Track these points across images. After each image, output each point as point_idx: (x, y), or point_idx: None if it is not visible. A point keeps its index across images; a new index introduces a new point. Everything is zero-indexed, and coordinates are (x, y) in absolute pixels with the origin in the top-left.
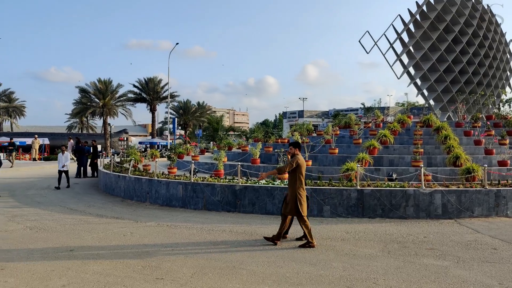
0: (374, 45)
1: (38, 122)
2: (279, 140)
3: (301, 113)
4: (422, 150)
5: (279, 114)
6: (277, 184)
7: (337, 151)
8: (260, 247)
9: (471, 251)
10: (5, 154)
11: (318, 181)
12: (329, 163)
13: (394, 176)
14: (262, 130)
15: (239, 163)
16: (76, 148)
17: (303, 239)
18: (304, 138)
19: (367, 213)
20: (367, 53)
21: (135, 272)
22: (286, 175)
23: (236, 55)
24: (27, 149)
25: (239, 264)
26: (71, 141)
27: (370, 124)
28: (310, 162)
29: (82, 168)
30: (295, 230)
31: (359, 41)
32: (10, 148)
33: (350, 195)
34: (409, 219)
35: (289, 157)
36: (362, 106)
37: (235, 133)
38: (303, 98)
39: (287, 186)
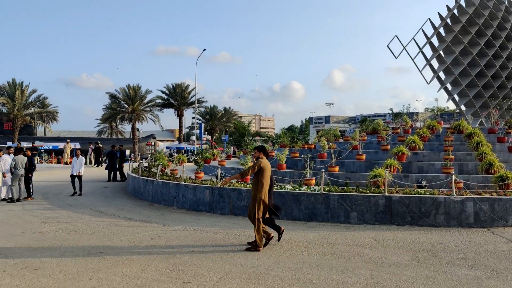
0: (402, 50)
1: (70, 127)
2: (306, 146)
3: (327, 119)
4: (453, 156)
5: (305, 119)
6: (304, 190)
7: (364, 157)
8: (286, 254)
9: (505, 262)
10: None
11: (345, 187)
12: (356, 169)
13: (424, 183)
14: (288, 135)
15: None
16: (108, 153)
17: (280, 236)
18: (331, 143)
19: (395, 221)
20: (396, 58)
21: (162, 275)
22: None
23: (262, 61)
24: (59, 153)
25: (265, 269)
26: (91, 146)
27: (399, 130)
28: (336, 168)
29: (112, 172)
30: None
31: (387, 46)
32: (33, 152)
33: (378, 202)
34: (439, 227)
35: (254, 160)
36: (390, 112)
37: (261, 138)
38: (330, 104)
39: (313, 192)
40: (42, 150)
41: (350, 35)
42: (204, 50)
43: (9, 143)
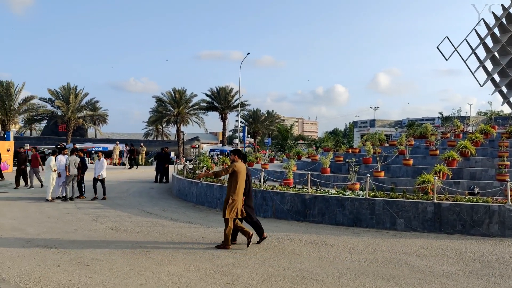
0: (454, 51)
1: (119, 129)
2: (350, 150)
3: (372, 123)
4: (508, 163)
5: (349, 123)
6: (348, 195)
7: (411, 162)
8: (330, 259)
9: None
10: (90, 158)
11: (391, 193)
12: (403, 174)
13: (476, 190)
14: (332, 139)
15: (309, 172)
16: (157, 155)
17: (261, 241)
18: (376, 148)
19: (445, 229)
20: (446, 59)
21: (207, 276)
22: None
23: (305, 64)
24: (108, 154)
25: (308, 274)
26: (126, 147)
27: (449, 135)
28: (382, 173)
29: (159, 174)
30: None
31: (438, 48)
32: (76, 153)
33: (426, 209)
34: (493, 237)
35: (229, 163)
36: (439, 115)
37: (304, 142)
38: (375, 107)
39: (358, 196)
40: (93, 152)
41: (396, 37)
42: (248, 53)
43: (64, 144)
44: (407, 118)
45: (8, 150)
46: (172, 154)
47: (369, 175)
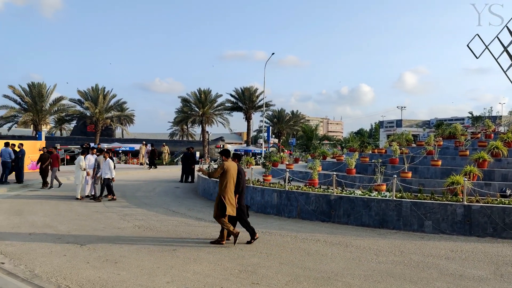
0: (484, 49)
1: (144, 129)
2: (376, 151)
3: (399, 122)
4: None
5: (375, 123)
6: (374, 196)
7: (440, 163)
8: (356, 260)
9: None
10: (117, 158)
11: (419, 194)
12: (431, 175)
13: (508, 192)
14: (357, 139)
15: (334, 173)
16: (184, 155)
17: (252, 241)
18: (403, 148)
19: (475, 231)
20: (477, 58)
21: (232, 275)
22: None
23: (330, 64)
24: (135, 154)
25: (334, 275)
26: (147, 147)
27: (479, 135)
28: (409, 174)
29: (185, 173)
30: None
31: (468, 46)
32: (97, 153)
33: (455, 211)
34: None
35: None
36: (469, 115)
37: (329, 142)
38: (401, 107)
39: (384, 198)
40: (120, 151)
41: (423, 35)
42: (273, 54)
43: (92, 144)
44: (435, 118)
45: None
46: (197, 154)
47: (395, 176)
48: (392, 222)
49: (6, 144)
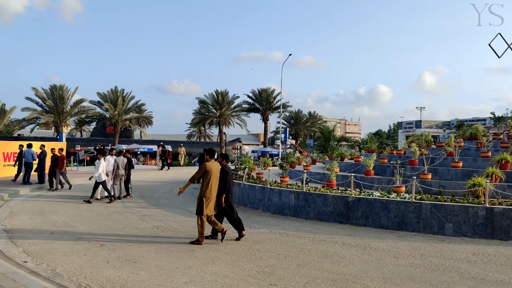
0: (507, 48)
1: (162, 131)
2: (395, 152)
3: (418, 123)
4: None
5: (394, 124)
6: (393, 198)
7: (460, 164)
8: (374, 263)
9: None
10: (135, 159)
11: (439, 196)
12: (451, 177)
13: None
14: (376, 140)
15: (352, 174)
16: (200, 156)
17: (240, 238)
18: (422, 149)
19: (497, 235)
20: (499, 57)
21: (249, 276)
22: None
23: (347, 64)
24: (153, 155)
25: (352, 277)
26: (160, 148)
27: (501, 136)
28: (429, 176)
29: None
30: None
31: (489, 45)
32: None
33: (477, 213)
34: None
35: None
36: (491, 116)
37: (347, 143)
38: (421, 108)
39: (403, 199)
40: (139, 153)
41: (443, 35)
42: (290, 55)
43: (110, 145)
44: (456, 118)
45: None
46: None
47: (415, 177)
48: (412, 224)
49: (29, 146)
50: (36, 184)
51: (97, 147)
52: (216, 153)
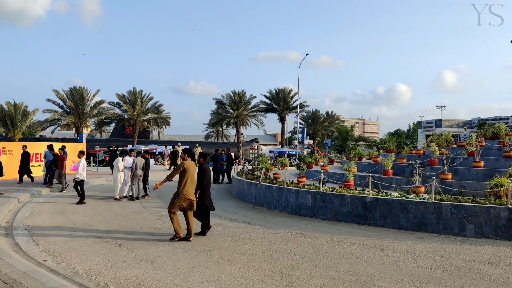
0: None
1: (180, 131)
2: (414, 152)
3: (438, 123)
4: None
5: (413, 123)
6: (412, 198)
7: (482, 164)
8: (393, 264)
9: None
10: (153, 160)
11: (459, 197)
12: (472, 177)
13: None
14: (394, 140)
15: (370, 174)
16: (212, 156)
17: (205, 233)
18: (442, 149)
19: None
20: None
21: (266, 277)
22: None
23: (364, 64)
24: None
25: (370, 279)
26: (168, 148)
27: None
28: (449, 176)
29: (216, 175)
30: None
31: None
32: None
33: (499, 214)
34: None
35: (181, 161)
36: None
37: (365, 143)
38: (441, 107)
39: (422, 200)
40: (157, 153)
41: (463, 32)
42: (307, 54)
43: (130, 146)
44: (478, 117)
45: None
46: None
47: (434, 177)
48: (431, 225)
49: (50, 147)
50: (57, 184)
51: (111, 148)
52: (191, 152)
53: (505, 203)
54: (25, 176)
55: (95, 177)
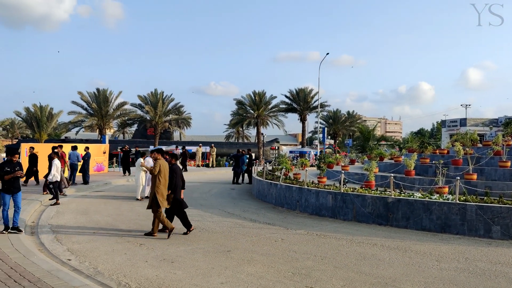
0: None
1: (201, 132)
2: (437, 151)
3: (463, 121)
4: None
5: (437, 122)
6: (435, 199)
7: (509, 164)
8: (415, 266)
9: None
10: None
11: (485, 197)
12: (499, 177)
13: None
14: (417, 140)
15: (392, 175)
16: (233, 156)
17: (187, 232)
18: (467, 149)
19: None
20: None
21: (285, 278)
22: None
23: (385, 63)
24: (192, 156)
25: (391, 281)
26: (178, 150)
27: None
28: (474, 176)
29: (237, 176)
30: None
31: None
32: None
33: None
34: None
35: (154, 161)
36: None
37: (387, 143)
38: (466, 105)
39: (446, 201)
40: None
41: (489, 28)
42: (327, 54)
43: (151, 147)
44: (505, 116)
45: (104, 153)
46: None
47: (459, 178)
48: (456, 227)
49: (74, 148)
50: (81, 185)
51: (123, 149)
52: (164, 152)
53: None
54: (32, 178)
55: (117, 177)
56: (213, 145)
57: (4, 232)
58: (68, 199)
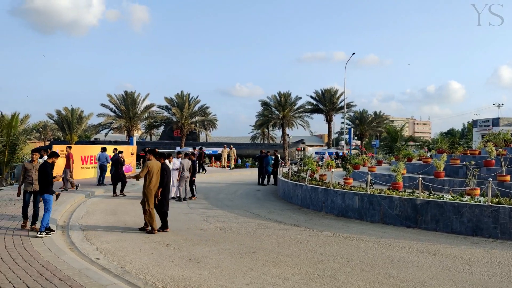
0: None
1: (226, 133)
2: (468, 152)
3: (495, 121)
4: None
5: (468, 122)
6: (466, 201)
7: None
8: (445, 270)
9: None
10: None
11: None
12: None
13: None
14: (447, 140)
15: (420, 176)
16: (258, 157)
17: (161, 231)
18: (500, 149)
19: None
20: None
21: (311, 280)
22: None
23: (412, 61)
24: (218, 157)
25: (420, 285)
26: (196, 151)
27: None
28: (508, 177)
29: (261, 176)
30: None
31: None
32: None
33: None
34: None
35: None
36: None
37: (415, 143)
38: (499, 104)
39: (478, 203)
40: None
41: None
42: (353, 54)
43: (178, 148)
44: None
45: (132, 154)
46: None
47: (491, 179)
48: (488, 230)
49: (103, 149)
50: (110, 186)
51: (145, 150)
52: (156, 152)
53: None
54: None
55: None
56: (232, 146)
57: (49, 234)
58: (97, 199)
